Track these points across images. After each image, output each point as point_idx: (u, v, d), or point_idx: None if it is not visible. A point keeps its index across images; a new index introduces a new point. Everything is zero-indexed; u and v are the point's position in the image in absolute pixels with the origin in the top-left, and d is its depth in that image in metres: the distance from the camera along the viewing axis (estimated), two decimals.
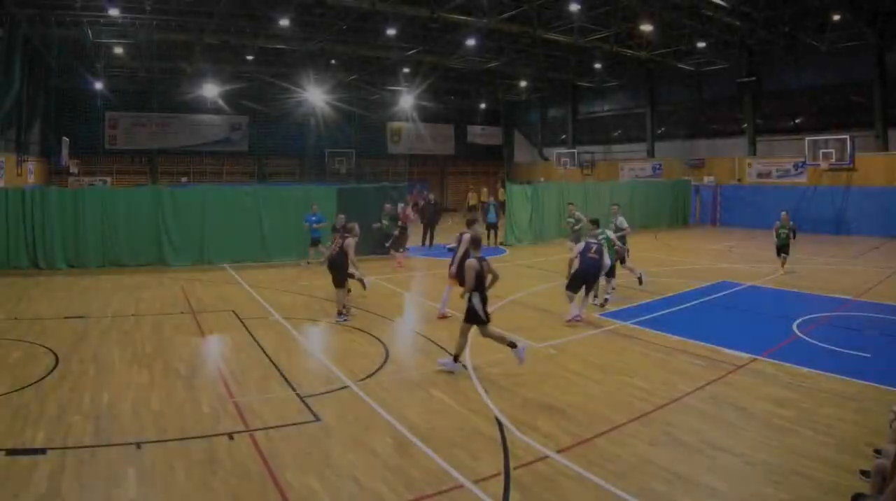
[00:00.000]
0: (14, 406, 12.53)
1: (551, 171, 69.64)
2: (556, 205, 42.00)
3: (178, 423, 11.90)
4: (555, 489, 9.53)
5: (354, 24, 45.43)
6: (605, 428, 11.73)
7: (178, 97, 61.23)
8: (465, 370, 15.17)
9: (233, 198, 32.01)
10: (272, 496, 9.39)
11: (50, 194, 30.00)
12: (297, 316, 20.43)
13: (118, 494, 9.30)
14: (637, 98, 63.52)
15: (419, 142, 74.62)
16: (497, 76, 63.92)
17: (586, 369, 15.30)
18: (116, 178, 60.67)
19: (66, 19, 40.04)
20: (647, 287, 25.25)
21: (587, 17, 42.51)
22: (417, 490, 9.56)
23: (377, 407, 12.78)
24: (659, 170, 60.25)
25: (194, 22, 42.55)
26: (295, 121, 65.75)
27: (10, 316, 20.36)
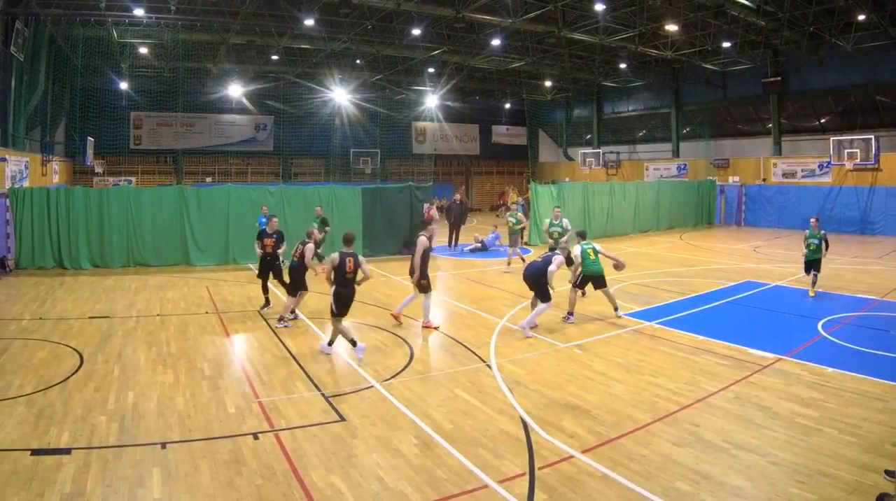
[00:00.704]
0: (39, 405, 12.60)
1: (576, 171, 69.59)
2: (581, 206, 41.98)
3: (203, 423, 11.94)
4: (580, 489, 9.52)
5: (380, 24, 45.53)
6: (630, 428, 11.72)
7: (203, 97, 61.53)
8: (490, 370, 15.16)
9: (257, 197, 31.98)
10: (297, 495, 9.39)
11: (75, 194, 30.10)
12: (323, 316, 20.25)
13: (143, 494, 9.34)
14: (662, 98, 63.41)
15: (444, 142, 74.74)
16: (522, 76, 63.73)
17: (611, 369, 15.28)
18: (141, 178, 61.00)
19: (91, 19, 40.16)
20: (673, 286, 25.26)
21: (612, 17, 42.44)
22: (442, 490, 9.57)
23: (402, 407, 12.81)
24: (684, 170, 60.10)
25: (219, 22, 42.66)
26: (320, 120, 65.68)
27: (36, 316, 20.47)
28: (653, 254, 35.50)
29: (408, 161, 73.01)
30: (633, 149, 67.49)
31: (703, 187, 53.46)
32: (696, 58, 50.88)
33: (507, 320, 20.03)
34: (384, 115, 68.46)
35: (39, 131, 44.55)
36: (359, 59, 56.65)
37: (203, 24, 43.11)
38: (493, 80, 67.26)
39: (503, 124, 79.57)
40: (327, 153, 69.15)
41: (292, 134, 66.11)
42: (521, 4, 40.48)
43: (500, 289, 25.15)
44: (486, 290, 25.53)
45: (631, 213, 46.02)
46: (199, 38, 46.78)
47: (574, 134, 75.72)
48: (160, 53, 52.32)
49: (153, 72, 57.27)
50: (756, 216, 52.15)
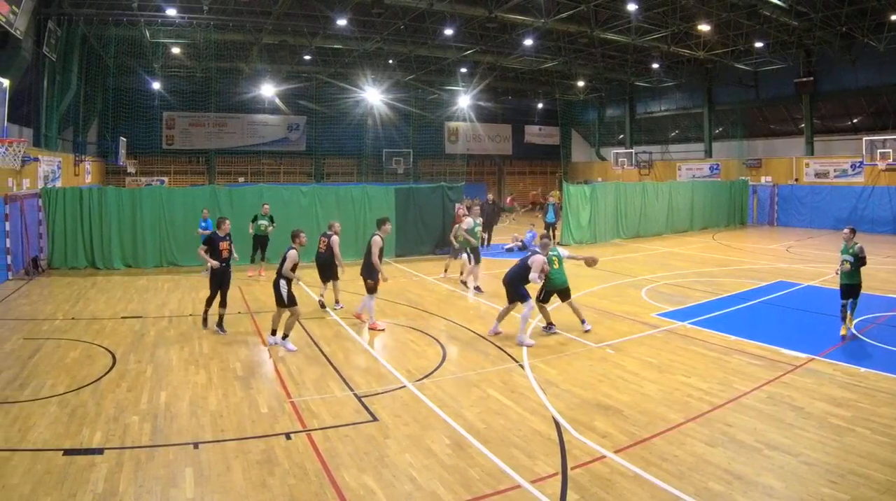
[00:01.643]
0: (72, 406, 12.69)
1: (608, 171, 69.49)
2: (615, 206, 41.93)
3: (235, 423, 12.02)
4: (612, 489, 9.52)
5: (412, 24, 45.57)
6: (663, 428, 11.74)
7: (235, 97, 61.77)
8: (523, 370, 15.18)
9: (289, 197, 32.14)
10: (329, 495, 9.44)
11: (107, 194, 30.28)
12: (353, 317, 20.41)
13: (175, 494, 9.40)
14: (694, 98, 63.19)
15: (476, 142, 74.68)
16: (554, 76, 63.56)
17: (643, 369, 15.29)
18: (173, 178, 61.39)
19: (123, 19, 40.36)
20: (705, 286, 25.25)
21: (644, 17, 42.38)
22: (475, 490, 9.60)
23: (434, 407, 12.86)
24: (716, 170, 59.91)
25: (252, 22, 42.87)
26: (353, 120, 65.87)
27: (68, 316, 20.60)
28: (685, 254, 35.42)
29: (440, 161, 73.07)
30: (665, 149, 67.31)
31: (736, 187, 53.20)
32: (728, 58, 50.73)
33: (538, 320, 19.89)
34: (417, 115, 68.61)
35: (72, 131, 44.75)
36: (391, 58, 56.75)
37: (235, 24, 43.31)
38: (526, 80, 67.31)
39: (536, 124, 79.42)
40: (360, 153, 69.27)
41: (325, 134, 66.33)
42: (554, 4, 40.46)
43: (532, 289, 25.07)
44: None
45: (664, 213, 45.92)
46: (232, 37, 46.99)
47: (607, 134, 75.57)
48: (192, 53, 52.65)
49: (185, 72, 57.58)
50: (788, 216, 51.94)
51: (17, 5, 28.07)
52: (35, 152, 31.62)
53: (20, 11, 28.61)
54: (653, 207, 44.85)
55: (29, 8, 30.43)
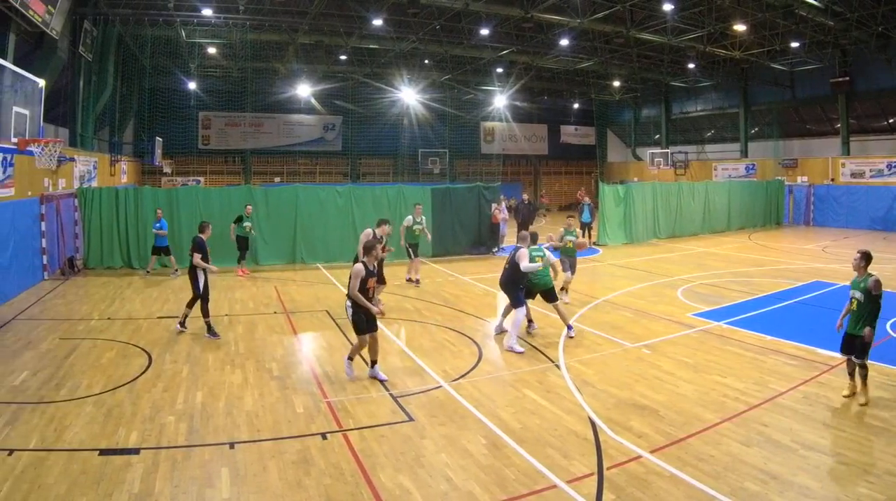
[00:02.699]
0: (107, 406, 12.77)
1: (644, 171, 69.24)
2: (652, 206, 41.82)
3: (271, 423, 12.07)
4: (648, 489, 9.53)
5: (448, 24, 45.52)
6: (699, 428, 11.72)
7: (271, 97, 62.15)
8: (559, 370, 15.19)
9: (325, 197, 32.19)
10: (365, 495, 9.47)
11: (143, 194, 30.49)
12: (390, 316, 20.47)
13: (211, 494, 9.46)
14: (730, 98, 62.89)
15: (512, 142, 74.66)
16: (590, 76, 63.46)
17: (679, 369, 15.26)
18: (209, 178, 61.68)
19: (159, 19, 40.62)
20: (741, 286, 25.21)
21: (680, 17, 42.19)
22: (510, 490, 9.60)
23: (470, 407, 12.87)
24: (752, 170, 59.62)
25: (288, 22, 43.04)
26: (388, 120, 66.07)
27: (104, 316, 20.71)
28: (721, 254, 35.28)
29: (476, 161, 73.00)
30: (701, 149, 67.02)
31: (772, 187, 53.00)
32: (764, 58, 50.48)
33: (575, 320, 19.90)
34: (452, 115, 68.60)
35: (108, 131, 45.00)
36: (427, 58, 56.83)
37: (271, 24, 43.54)
38: (562, 80, 67.17)
39: (572, 124, 79.24)
40: (396, 153, 69.32)
41: (360, 134, 66.46)
42: (590, 4, 40.37)
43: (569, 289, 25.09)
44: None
45: (700, 213, 45.76)
46: (268, 37, 47.24)
47: (642, 134, 75.35)
48: (228, 53, 52.87)
49: (221, 72, 57.83)
50: (824, 216, 51.61)
51: (53, 5, 28.24)
52: (71, 152, 31.76)
53: (56, 12, 28.77)
54: (689, 207, 44.69)
55: (65, 8, 30.58)
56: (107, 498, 9.21)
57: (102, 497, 9.23)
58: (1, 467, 10.06)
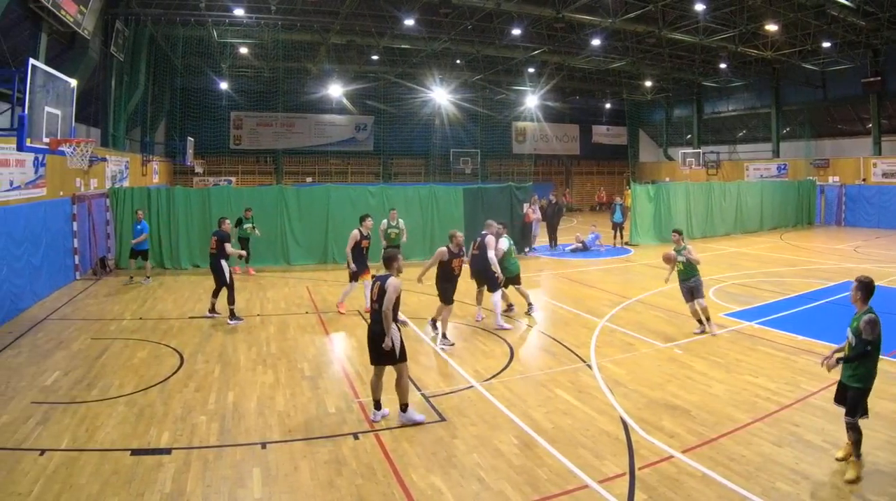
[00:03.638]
0: (139, 405, 12.82)
1: (676, 171, 68.94)
2: (683, 206, 41.69)
3: (303, 423, 12.10)
4: (680, 489, 9.50)
5: (479, 24, 45.46)
6: (730, 428, 11.69)
7: (303, 97, 62.36)
8: (590, 370, 15.16)
9: (357, 197, 32.14)
10: (397, 495, 9.47)
11: (175, 194, 30.55)
12: (422, 316, 20.44)
13: (243, 494, 9.49)
14: (762, 98, 62.52)
15: (544, 142, 74.46)
16: (622, 76, 63.37)
17: (711, 369, 15.22)
18: (241, 178, 61.89)
19: (190, 19, 40.77)
20: (773, 286, 25.18)
21: (712, 17, 42.04)
22: (542, 490, 9.59)
23: (502, 407, 12.86)
24: (784, 170, 59.28)
25: (319, 22, 43.10)
26: (420, 120, 66.04)
27: (136, 316, 20.79)
28: (753, 254, 35.18)
29: (507, 161, 73.08)
30: (733, 149, 66.69)
31: (804, 187, 52.75)
32: (795, 58, 50.16)
33: (607, 320, 19.94)
34: (484, 115, 68.63)
35: (139, 131, 45.23)
36: (459, 59, 56.74)
37: (303, 24, 43.59)
38: (593, 80, 66.99)
39: (603, 124, 78.94)
40: (427, 153, 69.53)
41: (392, 134, 66.77)
42: (622, 4, 40.29)
43: (600, 289, 25.03)
44: (587, 290, 25.47)
45: (732, 213, 45.61)
46: (300, 37, 47.32)
47: (674, 134, 74.91)
48: (260, 53, 53.08)
49: (253, 72, 58.16)
50: (856, 216, 51.30)
51: (85, 5, 28.38)
52: (103, 152, 31.91)
53: (88, 11, 28.91)
54: (720, 207, 44.53)
55: (97, 8, 30.75)
56: (138, 498, 9.25)
57: (134, 497, 9.27)
58: (33, 467, 10.11)
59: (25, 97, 15.71)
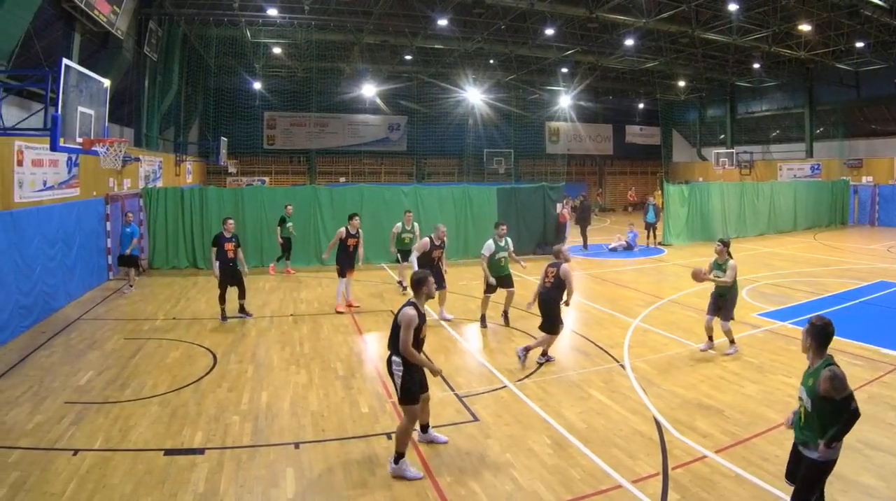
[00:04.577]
0: (173, 405, 12.90)
1: (709, 171, 68.59)
2: (717, 206, 41.54)
3: (336, 423, 12.14)
4: (713, 489, 9.52)
5: (513, 24, 45.46)
6: (764, 428, 11.68)
7: (336, 97, 62.37)
8: (624, 370, 15.17)
9: (391, 197, 32.27)
10: (430, 495, 9.52)
11: (208, 194, 30.72)
12: (456, 316, 20.59)
13: (276, 494, 9.53)
14: (795, 98, 62.11)
15: (577, 142, 74.09)
16: (655, 76, 63.23)
17: (744, 369, 15.20)
18: (274, 178, 62.01)
19: (224, 19, 40.92)
20: (806, 286, 25.16)
21: (745, 17, 41.82)
22: (575, 490, 9.61)
23: (535, 407, 12.87)
24: (817, 170, 58.95)
25: (353, 22, 43.12)
26: (453, 120, 65.87)
27: (169, 315, 20.89)
28: (786, 254, 35.05)
29: (541, 161, 72.83)
30: (766, 149, 66.36)
31: (837, 187, 52.58)
32: (829, 58, 49.85)
33: (640, 320, 19.97)
34: (517, 115, 68.53)
35: (173, 131, 45.43)
36: (492, 58, 56.66)
37: (336, 24, 43.65)
38: (627, 80, 66.89)
39: (637, 124, 78.63)
40: (461, 153, 69.36)
41: (426, 134, 66.60)
42: (655, 4, 40.12)
43: (633, 290, 25.00)
44: (620, 290, 25.50)
45: (766, 213, 45.46)
46: (333, 37, 47.41)
47: (707, 134, 74.53)
48: (293, 53, 53.21)
49: (286, 72, 58.37)
50: (890, 216, 50.99)
51: (119, 5, 28.52)
52: (136, 152, 32.08)
53: (121, 11, 29.06)
54: (753, 207, 44.38)
55: (130, 8, 30.91)
56: (172, 498, 9.31)
57: (167, 497, 9.33)
58: (66, 467, 10.18)
59: (59, 97, 15.78)
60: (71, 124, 16.67)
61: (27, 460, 10.41)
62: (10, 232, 17.96)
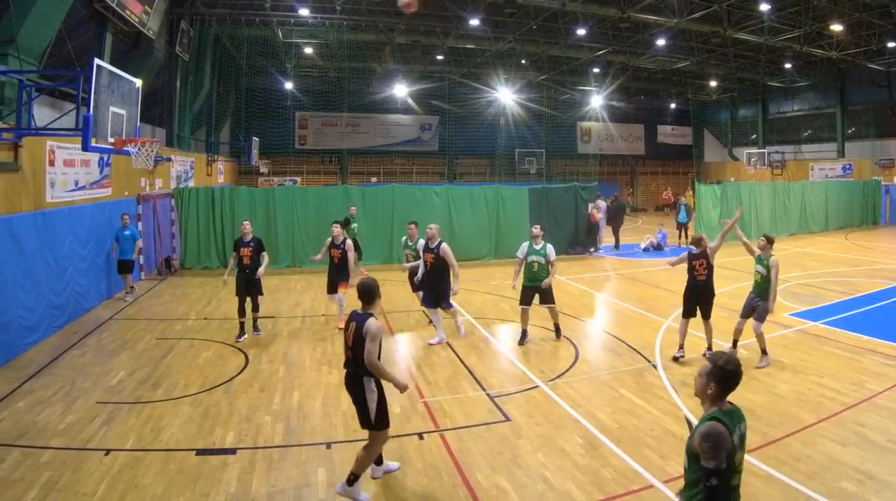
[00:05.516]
0: (204, 406, 12.95)
1: (741, 171, 68.33)
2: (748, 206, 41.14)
3: None
4: (744, 489, 9.18)
5: (544, 24, 45.30)
6: (795, 428, 11.66)
7: (367, 97, 62.53)
8: (655, 370, 15.15)
9: (422, 197, 32.29)
10: (462, 495, 9.53)
11: (240, 194, 30.86)
12: (488, 316, 20.65)
13: (308, 494, 9.56)
14: (827, 98, 61.84)
15: (609, 142, 73.90)
16: (687, 76, 63.05)
17: (776, 369, 15.17)
18: (306, 178, 62.15)
19: (255, 19, 41.04)
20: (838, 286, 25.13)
21: (777, 17, 41.67)
22: (607, 490, 9.62)
23: (567, 407, 12.86)
24: (849, 170, 58.68)
25: (384, 22, 43.19)
26: (485, 120, 65.81)
27: (201, 316, 20.96)
28: (818, 254, 34.96)
29: (572, 161, 72.53)
30: (797, 149, 66.08)
31: (869, 187, 52.38)
32: (861, 58, 49.60)
33: (672, 320, 19.89)
34: (549, 115, 68.29)
35: (204, 131, 45.50)
36: (523, 58, 56.61)
37: (368, 24, 43.72)
38: (658, 80, 66.68)
39: (668, 124, 78.39)
40: (492, 153, 69.20)
41: (457, 134, 66.46)
42: (687, 4, 40.03)
43: (665, 289, 24.94)
44: (652, 290, 25.46)
45: (797, 213, 45.29)
46: (364, 37, 47.46)
47: (739, 134, 74.24)
48: (325, 53, 53.28)
49: (318, 71, 58.60)
50: None
51: (150, 6, 28.61)
52: (168, 152, 32.19)
53: (153, 12, 29.15)
54: (785, 207, 44.20)
55: (161, 8, 31.01)
56: (203, 498, 9.34)
57: (199, 497, 9.36)
58: (98, 467, 10.22)
59: (90, 97, 15.83)
60: (102, 124, 16.73)
61: (59, 460, 10.44)
62: (42, 232, 18.03)
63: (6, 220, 16.08)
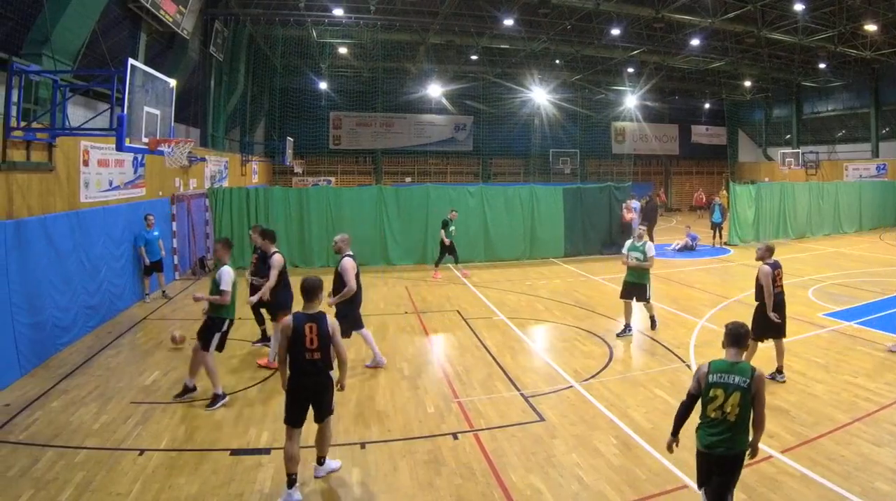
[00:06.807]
0: (238, 406, 13.03)
1: (775, 171, 68.05)
2: (782, 206, 41.27)
3: (402, 423, 12.18)
4: (779, 489, 9.50)
5: (579, 24, 45.27)
6: (829, 428, 11.64)
7: (402, 97, 62.48)
8: (689, 370, 15.05)
9: (457, 197, 32.15)
10: (496, 495, 9.52)
11: (274, 194, 30.90)
12: (522, 316, 20.60)
13: (342, 493, 9.62)
14: (861, 98, 61.49)
15: (643, 142, 73.63)
16: (721, 75, 62.85)
17: (810, 369, 15.16)
18: (340, 178, 62.20)
19: (290, 20, 41.18)
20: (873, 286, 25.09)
21: (811, 17, 41.47)
22: (641, 490, 9.63)
23: (601, 407, 12.87)
24: (883, 170, 58.28)
25: (419, 22, 43.22)
26: (519, 120, 65.64)
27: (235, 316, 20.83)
28: (852, 254, 34.74)
29: (607, 161, 72.32)
30: (832, 150, 65.73)
31: None
32: (895, 58, 49.27)
33: (706, 320, 19.94)
34: (583, 115, 68.20)
35: (239, 131, 45.65)
36: (557, 59, 56.62)
37: (402, 24, 43.78)
38: (692, 80, 66.51)
39: (702, 124, 77.94)
40: (527, 153, 69.05)
41: (491, 134, 66.30)
42: (721, 4, 39.91)
43: (699, 290, 24.83)
44: (686, 290, 25.35)
45: (831, 213, 45.05)
46: (399, 37, 47.61)
47: (773, 134, 73.93)
48: (359, 53, 53.27)
49: (352, 72, 58.64)
50: None
51: (184, 6, 28.71)
52: (202, 152, 32.27)
53: (187, 12, 29.25)
54: (818, 207, 43.99)
55: (196, 8, 31.10)
56: (237, 498, 9.39)
57: (233, 497, 9.41)
58: (132, 467, 10.27)
59: (125, 97, 15.86)
60: (137, 124, 16.75)
61: (93, 460, 10.48)
62: (77, 232, 18.10)
63: (40, 221, 16.14)
